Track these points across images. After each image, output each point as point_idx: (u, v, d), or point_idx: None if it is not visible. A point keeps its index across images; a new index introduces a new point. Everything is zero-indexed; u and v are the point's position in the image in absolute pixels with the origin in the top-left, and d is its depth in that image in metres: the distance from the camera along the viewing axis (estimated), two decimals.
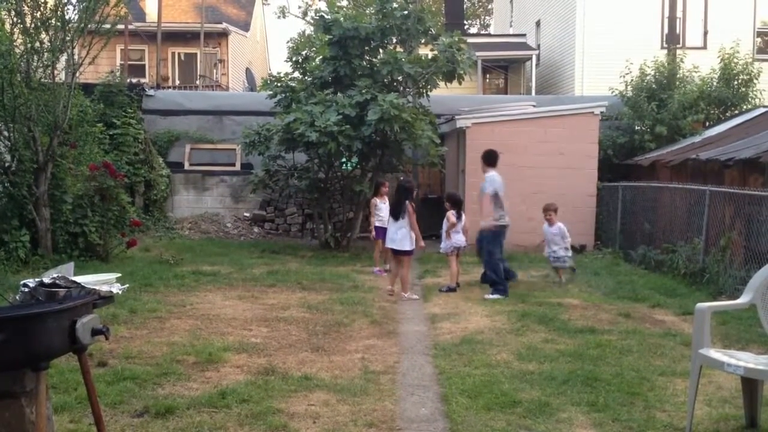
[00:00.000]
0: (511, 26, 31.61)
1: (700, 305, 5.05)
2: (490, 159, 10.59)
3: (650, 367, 6.48)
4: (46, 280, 3.82)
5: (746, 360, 4.83)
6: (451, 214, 10.77)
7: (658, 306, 9.31)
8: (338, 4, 22.14)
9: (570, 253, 11.22)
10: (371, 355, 6.87)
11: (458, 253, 10.90)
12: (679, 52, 18.94)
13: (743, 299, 5.09)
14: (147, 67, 28.53)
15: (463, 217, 10.98)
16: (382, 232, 11.56)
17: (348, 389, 5.74)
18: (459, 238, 10.83)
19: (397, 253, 10.11)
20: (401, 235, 9.97)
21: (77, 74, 12.01)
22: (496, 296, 9.80)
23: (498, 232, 10.29)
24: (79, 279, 3.96)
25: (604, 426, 5.06)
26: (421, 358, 6.84)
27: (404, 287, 10.00)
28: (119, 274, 4.31)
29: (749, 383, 4.91)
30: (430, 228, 15.11)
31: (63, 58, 11.97)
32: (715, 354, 4.92)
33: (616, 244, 14.55)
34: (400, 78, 14.66)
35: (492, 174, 10.35)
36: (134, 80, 20.70)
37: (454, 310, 9.02)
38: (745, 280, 6.27)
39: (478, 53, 23.03)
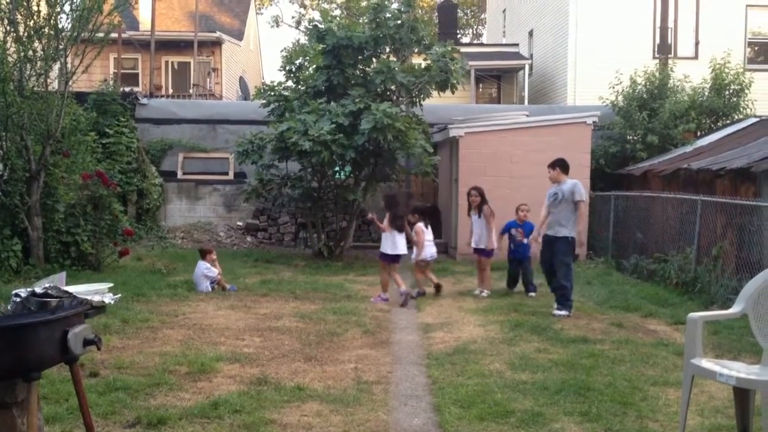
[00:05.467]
0: (504, 36, 31.71)
1: (692, 315, 5.06)
2: (565, 166, 9.98)
3: (642, 376, 6.49)
4: (38, 289, 3.81)
5: (738, 370, 4.84)
6: (420, 227, 10.88)
7: (651, 315, 9.33)
8: (332, 13, 22.14)
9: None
10: (364, 365, 6.86)
11: (428, 264, 11.03)
12: (670, 62, 19.04)
13: (735, 309, 5.10)
14: (140, 75, 28.52)
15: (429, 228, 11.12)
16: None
17: (341, 399, 5.73)
18: (432, 251, 10.94)
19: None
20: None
21: (70, 83, 11.99)
22: (564, 312, 9.32)
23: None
24: (71, 289, 3.95)
25: None
26: (414, 368, 6.83)
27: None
28: (111, 284, 4.30)
29: (741, 393, 4.92)
30: None
31: (56, 66, 11.96)
32: (707, 364, 4.92)
33: (608, 253, 14.58)
34: (393, 87, 14.68)
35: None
36: (127, 89, 20.66)
37: (447, 320, 9.02)
38: (737, 290, 6.30)
39: (471, 63, 23.12)
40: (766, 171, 10.62)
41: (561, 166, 9.90)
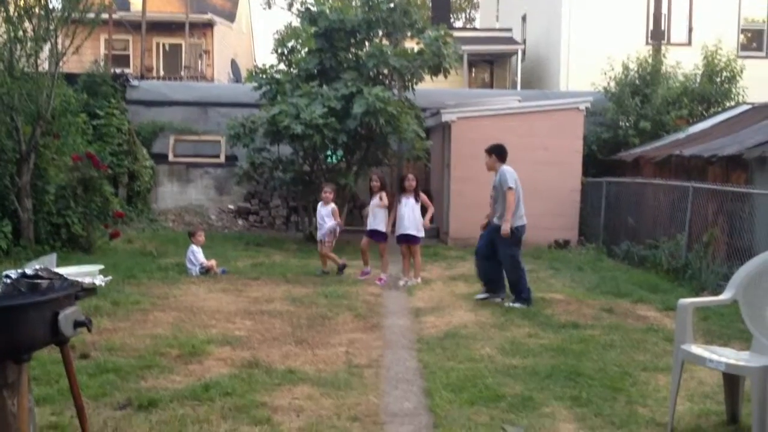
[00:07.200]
0: (497, 20, 31.62)
1: (683, 301, 5.08)
2: (501, 153, 9.31)
3: (633, 362, 6.52)
4: (29, 271, 3.78)
5: (728, 356, 4.87)
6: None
7: (641, 301, 9.35)
8: None
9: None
10: (355, 348, 6.86)
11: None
12: (663, 48, 19.04)
13: (725, 295, 5.12)
14: (131, 57, 28.37)
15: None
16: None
17: (332, 383, 5.73)
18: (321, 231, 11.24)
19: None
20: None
21: (61, 64, 11.90)
22: (517, 305, 8.82)
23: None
24: (62, 270, 3.93)
25: (586, 420, 5.09)
26: (405, 352, 6.84)
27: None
28: (102, 266, 4.28)
29: (730, 379, 4.95)
30: None
31: (46, 47, 11.86)
32: (697, 350, 4.95)
33: (599, 239, 14.61)
34: (385, 71, 14.63)
35: (508, 167, 9.15)
36: (118, 70, 20.53)
37: (438, 304, 9.03)
38: (728, 276, 6.32)
39: (464, 47, 23.06)
40: (758, 158, 10.64)
41: (496, 152, 9.26)
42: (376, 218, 10.71)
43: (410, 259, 10.59)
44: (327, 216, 11.13)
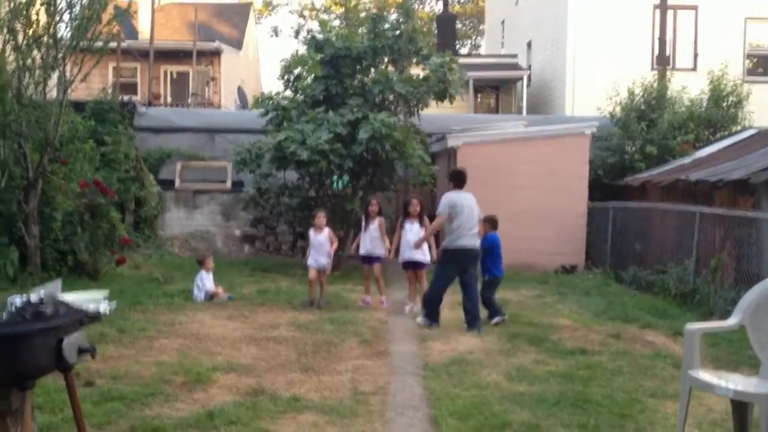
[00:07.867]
0: (502, 47, 31.76)
1: (690, 326, 5.04)
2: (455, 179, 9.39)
3: (641, 388, 6.47)
4: (34, 297, 3.78)
5: (736, 382, 4.82)
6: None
7: (649, 327, 9.29)
8: (331, 24, 22.20)
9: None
10: (361, 375, 6.83)
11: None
12: (668, 73, 19.07)
13: (733, 320, 5.08)
14: (139, 84, 28.51)
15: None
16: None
17: (337, 410, 5.70)
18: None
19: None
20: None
21: (69, 91, 11.98)
22: (420, 321, 9.33)
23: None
24: (67, 297, 3.93)
25: None
26: (411, 379, 6.80)
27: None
28: (107, 292, 4.28)
29: (739, 405, 4.89)
30: None
31: (54, 75, 11.95)
32: (705, 376, 4.90)
33: (606, 264, 14.55)
34: (391, 97, 14.68)
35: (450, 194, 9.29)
36: (126, 98, 20.64)
37: (445, 330, 8.98)
38: (736, 301, 6.26)
39: (469, 73, 23.14)
40: (765, 182, 10.61)
41: (452, 177, 9.47)
42: (370, 243, 10.79)
43: (416, 284, 10.58)
44: (326, 243, 11.06)
